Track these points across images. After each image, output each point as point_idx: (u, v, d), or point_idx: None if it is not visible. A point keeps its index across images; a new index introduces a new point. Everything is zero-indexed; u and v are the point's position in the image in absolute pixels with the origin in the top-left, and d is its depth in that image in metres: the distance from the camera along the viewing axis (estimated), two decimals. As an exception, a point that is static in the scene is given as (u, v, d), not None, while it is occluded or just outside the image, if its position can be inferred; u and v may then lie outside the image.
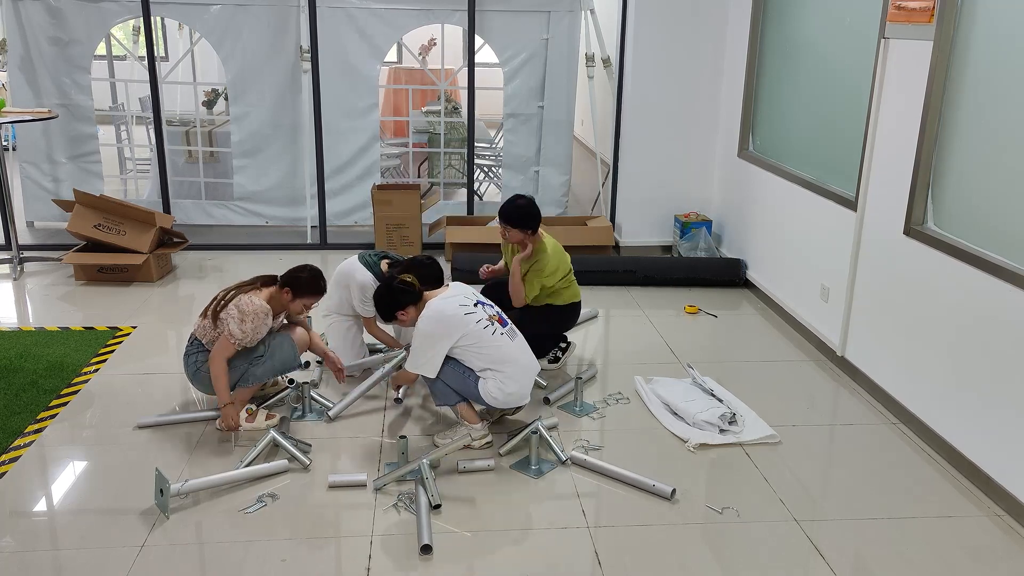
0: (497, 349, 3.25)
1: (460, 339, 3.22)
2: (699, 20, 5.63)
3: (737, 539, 2.82)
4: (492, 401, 3.28)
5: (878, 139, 3.84)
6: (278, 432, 3.29)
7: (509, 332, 3.34)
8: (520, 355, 3.32)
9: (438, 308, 3.24)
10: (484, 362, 3.25)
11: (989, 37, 3.15)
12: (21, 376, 3.90)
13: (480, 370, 3.26)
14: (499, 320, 3.33)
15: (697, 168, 5.94)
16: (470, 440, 3.22)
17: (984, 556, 2.75)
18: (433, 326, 3.21)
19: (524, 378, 3.32)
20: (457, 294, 3.32)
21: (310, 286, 3.46)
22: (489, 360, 3.25)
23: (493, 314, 3.33)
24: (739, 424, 3.54)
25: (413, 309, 3.28)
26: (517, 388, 3.29)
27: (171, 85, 8.05)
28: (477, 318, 3.25)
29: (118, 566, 2.61)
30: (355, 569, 2.63)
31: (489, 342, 3.24)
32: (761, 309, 5.07)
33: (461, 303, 3.27)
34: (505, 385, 3.25)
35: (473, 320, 3.24)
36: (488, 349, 3.24)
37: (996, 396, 3.05)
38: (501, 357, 3.25)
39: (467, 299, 3.31)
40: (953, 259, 3.29)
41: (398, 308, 3.29)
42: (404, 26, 6.11)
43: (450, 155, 7.04)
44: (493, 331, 3.27)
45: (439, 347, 3.22)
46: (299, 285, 3.44)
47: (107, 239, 5.24)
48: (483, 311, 3.29)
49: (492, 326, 3.28)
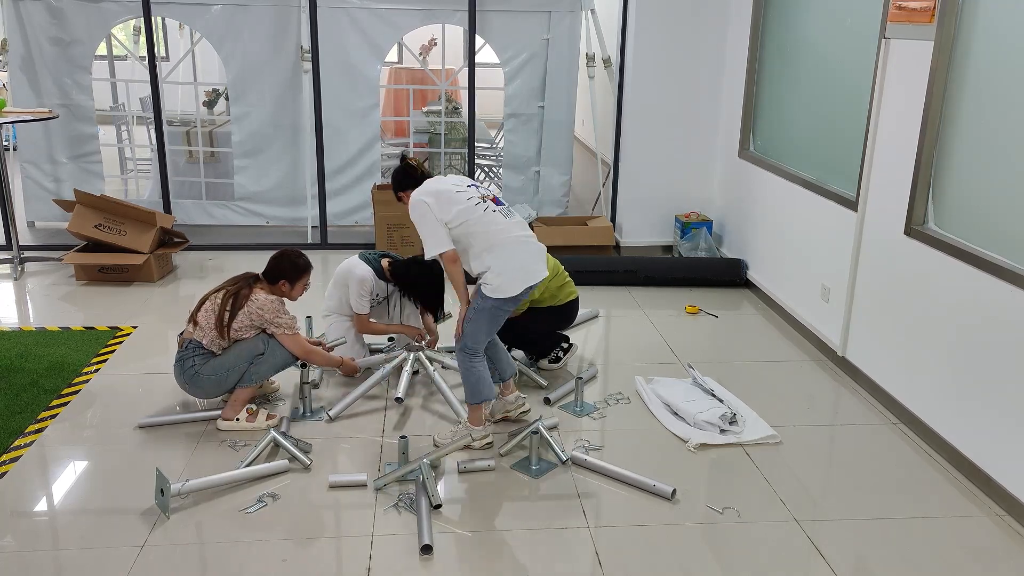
0: (494, 225, 3.17)
1: (455, 216, 3.13)
2: (700, 20, 5.63)
3: (737, 539, 2.82)
4: (498, 292, 3.14)
5: (879, 139, 3.84)
6: (278, 432, 3.29)
7: (504, 211, 3.26)
8: (519, 231, 3.23)
9: (434, 182, 3.27)
10: (477, 246, 3.16)
11: (990, 37, 3.15)
12: (22, 376, 3.90)
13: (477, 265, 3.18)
14: (493, 200, 3.28)
15: (698, 168, 5.94)
16: (470, 440, 3.22)
17: (984, 556, 2.75)
18: (424, 196, 3.18)
19: (524, 254, 3.21)
20: (451, 178, 3.33)
21: (298, 268, 3.53)
22: (482, 243, 3.15)
23: (487, 194, 3.29)
24: (740, 424, 3.54)
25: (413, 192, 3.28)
26: (519, 263, 3.18)
27: (172, 85, 8.05)
28: (468, 195, 3.20)
29: (118, 566, 2.61)
30: (355, 569, 2.63)
31: (480, 219, 3.15)
32: (762, 309, 5.07)
33: (454, 183, 3.27)
34: (503, 266, 3.14)
35: (464, 197, 3.19)
36: (479, 228, 3.15)
37: (997, 396, 3.05)
38: (494, 234, 3.16)
39: (460, 181, 3.30)
40: (954, 259, 3.29)
41: (400, 189, 3.35)
42: (405, 26, 6.11)
43: (451, 155, 7.04)
44: (485, 208, 3.19)
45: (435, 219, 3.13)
46: (290, 272, 3.50)
47: (108, 239, 5.24)
48: (476, 191, 3.26)
49: (485, 204, 3.21)
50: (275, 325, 3.41)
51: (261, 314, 3.39)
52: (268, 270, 3.51)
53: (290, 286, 3.51)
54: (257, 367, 3.42)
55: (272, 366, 3.46)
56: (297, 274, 3.52)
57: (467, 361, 3.27)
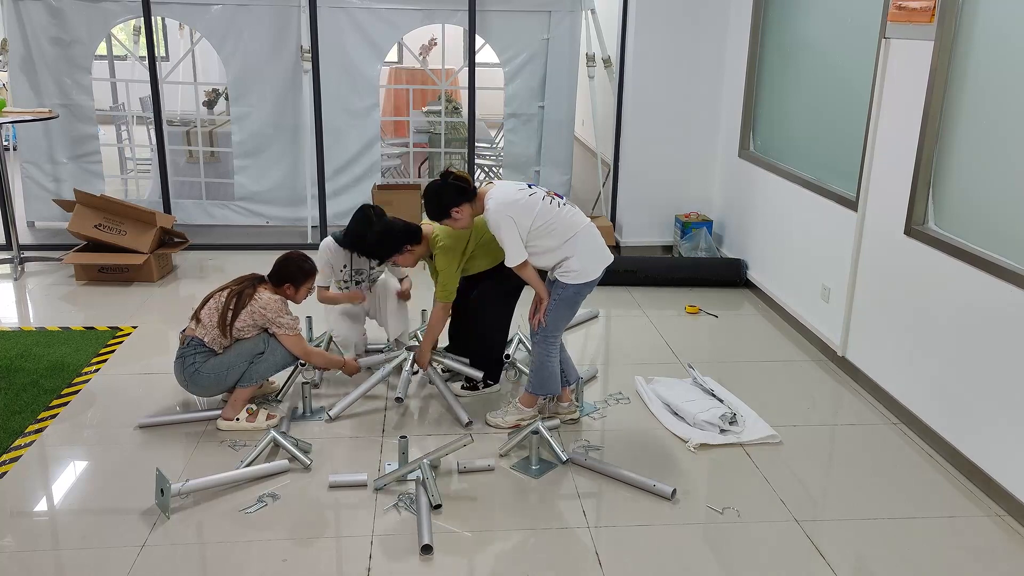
0: (564, 219, 3.29)
1: (536, 219, 3.23)
2: (700, 20, 5.63)
3: (737, 539, 2.82)
4: (582, 277, 3.29)
5: (879, 139, 3.84)
6: (279, 432, 3.29)
7: (567, 203, 3.38)
8: (583, 218, 3.36)
9: (503, 193, 3.27)
10: (558, 239, 3.27)
11: (990, 37, 3.15)
12: (22, 376, 3.90)
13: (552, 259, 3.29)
14: (555, 194, 3.37)
15: (698, 168, 5.94)
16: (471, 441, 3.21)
17: (985, 556, 2.75)
18: (507, 209, 3.22)
19: (596, 238, 3.35)
20: (509, 186, 3.35)
21: (304, 272, 3.53)
22: (562, 235, 3.27)
23: (548, 190, 3.38)
24: (740, 424, 3.54)
25: (468, 207, 3.29)
26: (595, 246, 3.34)
27: (172, 85, 8.05)
28: (538, 197, 3.29)
29: (119, 566, 2.61)
30: (355, 569, 2.63)
31: (557, 215, 3.28)
32: (762, 309, 5.07)
33: (518, 188, 3.32)
34: (583, 251, 3.28)
35: (536, 200, 3.27)
36: (558, 223, 3.27)
37: (997, 396, 3.05)
38: (570, 225, 3.29)
39: (519, 186, 3.34)
40: (954, 259, 3.28)
41: (453, 205, 3.27)
42: (405, 26, 6.12)
43: (451, 155, 7.04)
44: (553, 202, 3.31)
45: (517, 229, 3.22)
46: (296, 275, 3.51)
47: (108, 239, 5.24)
48: (538, 191, 3.34)
49: (551, 200, 3.32)
50: (277, 325, 3.41)
51: (264, 313, 3.39)
52: (273, 273, 3.51)
53: (295, 290, 3.52)
54: (257, 366, 3.42)
55: (272, 366, 3.46)
56: (303, 278, 3.53)
57: (547, 351, 3.39)
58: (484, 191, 3.31)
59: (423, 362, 3.72)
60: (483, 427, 3.54)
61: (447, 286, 3.54)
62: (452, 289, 3.55)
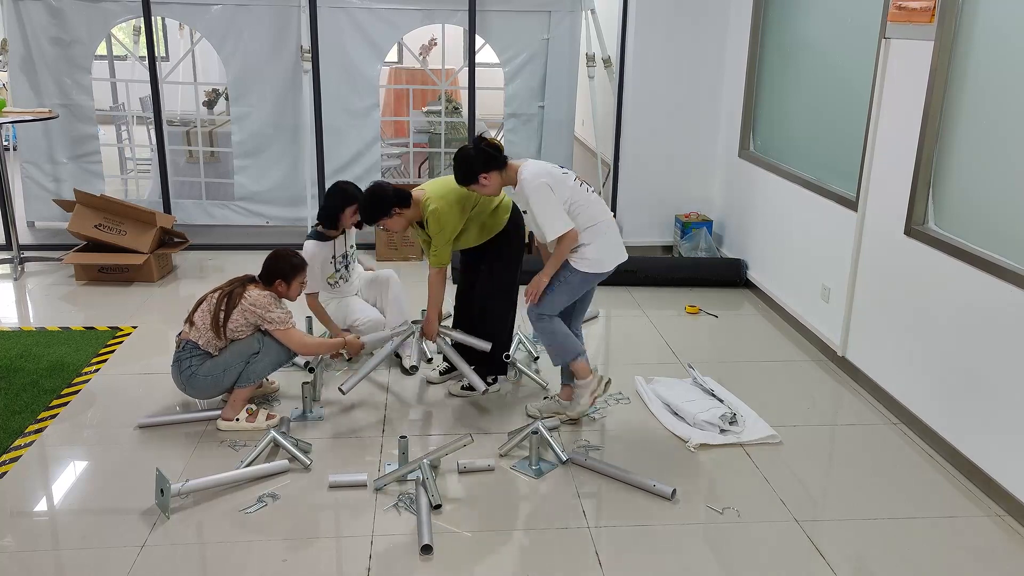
0: (593, 204, 3.33)
1: (568, 196, 3.26)
2: (700, 20, 5.63)
3: (737, 539, 2.82)
4: (595, 266, 3.34)
5: (879, 139, 3.84)
6: (278, 432, 3.29)
7: (595, 191, 3.43)
8: (607, 211, 3.41)
9: (538, 165, 3.31)
10: (585, 220, 3.30)
11: (990, 37, 3.15)
12: (22, 376, 3.90)
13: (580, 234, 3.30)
14: (584, 180, 3.42)
15: (698, 168, 5.94)
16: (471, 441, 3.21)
17: (985, 556, 2.75)
18: (546, 178, 3.24)
19: (616, 233, 3.41)
20: (541, 162, 3.39)
21: (294, 267, 3.51)
22: (587, 220, 3.30)
23: (579, 175, 3.41)
24: (740, 424, 3.54)
25: (497, 175, 3.31)
26: (615, 241, 3.39)
27: (172, 85, 8.05)
28: (571, 176, 3.33)
29: (119, 566, 2.61)
30: (355, 569, 2.63)
31: (587, 198, 3.31)
32: (762, 309, 5.07)
33: (551, 165, 3.36)
34: (603, 242, 3.33)
35: (570, 179, 3.31)
36: (587, 206, 3.30)
37: (997, 396, 3.05)
38: (598, 211, 3.34)
39: (551, 164, 3.38)
40: (954, 259, 3.28)
41: (482, 170, 3.28)
42: (405, 26, 6.11)
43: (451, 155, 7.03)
44: (583, 186, 3.35)
45: (557, 198, 3.23)
46: (285, 271, 3.48)
47: (108, 239, 5.24)
48: (571, 172, 3.38)
49: (583, 184, 3.37)
50: (268, 321, 3.39)
51: (254, 310, 3.37)
52: (263, 271, 3.50)
53: (287, 285, 3.49)
54: (253, 366, 3.42)
55: (268, 364, 3.46)
56: (293, 272, 3.49)
57: (547, 325, 3.40)
58: (516, 164, 3.32)
59: (431, 332, 3.71)
60: (483, 427, 3.54)
61: (440, 252, 3.51)
62: (445, 255, 3.53)
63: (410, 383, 3.95)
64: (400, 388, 3.91)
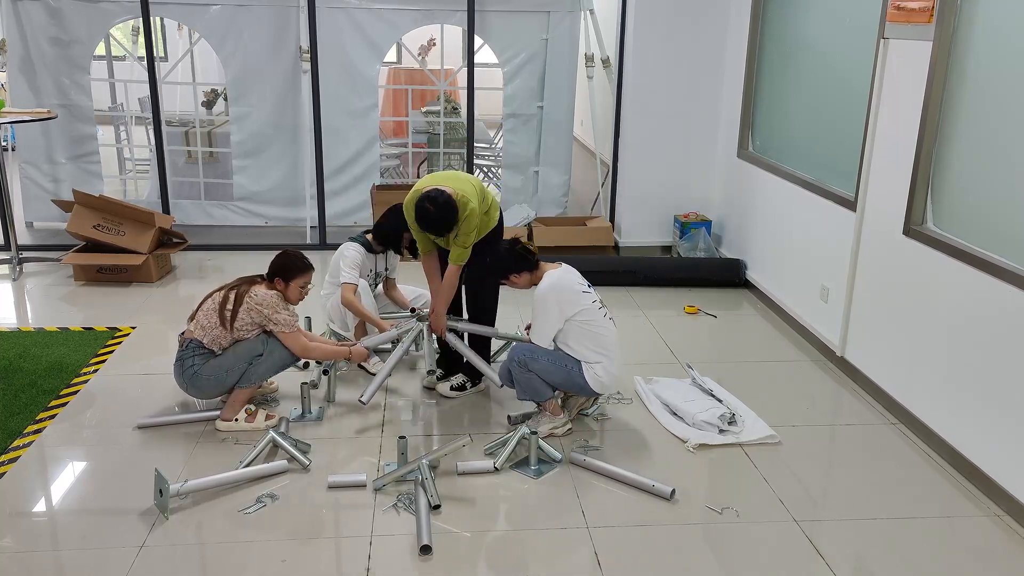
0: (607, 331, 3.39)
1: (577, 314, 3.32)
2: (699, 20, 5.63)
3: (737, 540, 2.82)
4: (598, 387, 3.40)
5: (878, 139, 3.84)
6: (278, 432, 3.29)
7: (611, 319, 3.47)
8: (615, 338, 3.46)
9: (560, 277, 3.38)
10: (594, 344, 3.36)
11: (988, 37, 3.15)
12: (21, 376, 3.89)
13: (586, 355, 3.36)
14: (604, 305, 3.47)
15: (697, 168, 5.94)
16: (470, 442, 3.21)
17: (984, 556, 2.75)
18: (557, 295, 3.33)
19: (618, 362, 3.46)
20: (573, 273, 3.45)
21: (296, 266, 3.48)
22: (599, 343, 3.37)
23: (600, 298, 3.45)
24: (739, 424, 3.54)
25: (528, 275, 3.42)
26: (615, 372, 3.44)
27: (171, 85, 8.04)
28: (592, 298, 3.38)
29: (118, 566, 2.61)
30: (355, 569, 2.63)
31: (601, 324, 3.37)
32: (761, 309, 5.07)
33: (579, 281, 3.41)
34: (610, 368, 3.39)
35: (589, 299, 3.37)
36: (599, 329, 3.36)
37: (996, 396, 3.05)
38: (610, 341, 3.40)
39: (581, 280, 3.44)
40: (953, 259, 3.29)
41: (513, 271, 3.41)
42: (404, 26, 6.12)
43: (450, 155, 7.04)
44: (603, 313, 3.41)
45: (557, 317, 3.33)
46: (286, 270, 3.46)
47: (107, 239, 5.24)
48: (594, 293, 3.43)
49: (603, 308, 3.42)
50: (274, 322, 3.39)
51: (260, 309, 3.36)
52: (269, 268, 3.49)
53: (284, 284, 3.44)
54: (256, 367, 3.41)
55: (271, 366, 3.45)
56: (294, 273, 3.45)
57: (528, 375, 3.40)
58: (547, 267, 3.44)
59: (440, 328, 3.73)
60: (482, 427, 3.54)
61: (467, 250, 3.57)
62: (468, 253, 3.61)
63: (410, 383, 3.95)
64: (400, 388, 3.91)
